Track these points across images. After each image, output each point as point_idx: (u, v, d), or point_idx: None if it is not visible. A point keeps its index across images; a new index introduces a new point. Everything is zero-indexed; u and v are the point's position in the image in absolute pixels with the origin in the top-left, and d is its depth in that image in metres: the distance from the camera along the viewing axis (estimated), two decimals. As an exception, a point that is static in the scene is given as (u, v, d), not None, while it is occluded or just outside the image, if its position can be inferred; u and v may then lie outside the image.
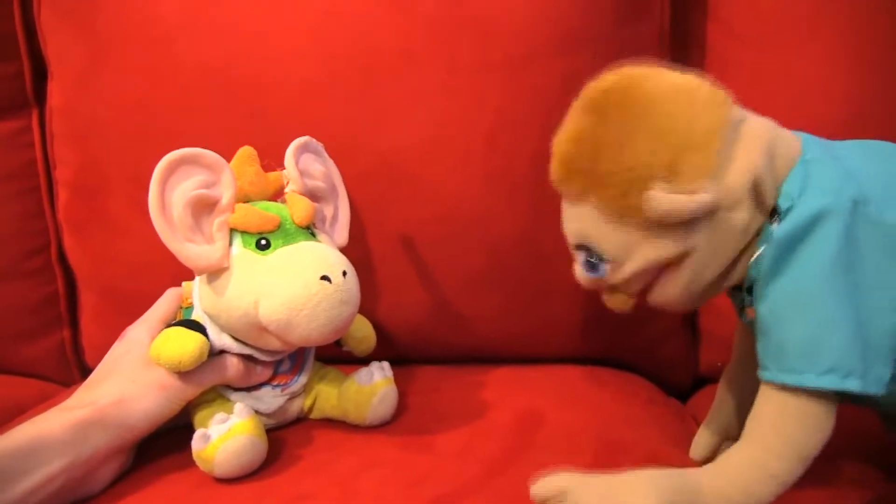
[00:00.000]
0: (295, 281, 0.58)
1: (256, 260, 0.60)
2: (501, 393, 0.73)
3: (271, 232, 0.62)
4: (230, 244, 0.61)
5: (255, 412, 0.62)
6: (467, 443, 0.64)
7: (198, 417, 0.63)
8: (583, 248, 0.53)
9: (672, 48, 0.83)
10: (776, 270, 0.47)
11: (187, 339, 0.59)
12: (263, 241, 0.61)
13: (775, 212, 0.48)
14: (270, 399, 0.66)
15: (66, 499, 0.55)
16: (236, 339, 0.63)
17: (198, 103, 0.79)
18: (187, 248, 0.59)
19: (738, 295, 0.54)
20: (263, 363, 0.65)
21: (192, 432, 0.58)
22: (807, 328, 0.46)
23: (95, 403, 0.57)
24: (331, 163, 0.74)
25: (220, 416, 0.59)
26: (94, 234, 0.85)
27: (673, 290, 0.51)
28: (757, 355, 0.49)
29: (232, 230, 0.61)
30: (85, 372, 0.64)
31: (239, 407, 0.60)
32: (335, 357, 0.73)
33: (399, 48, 0.78)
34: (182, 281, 0.68)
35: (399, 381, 0.68)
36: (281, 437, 0.65)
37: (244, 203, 0.63)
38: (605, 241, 0.50)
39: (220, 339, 0.62)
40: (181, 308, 0.67)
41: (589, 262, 0.52)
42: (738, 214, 0.48)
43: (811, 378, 0.45)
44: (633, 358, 0.85)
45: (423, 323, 0.81)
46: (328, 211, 0.72)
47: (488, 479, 0.58)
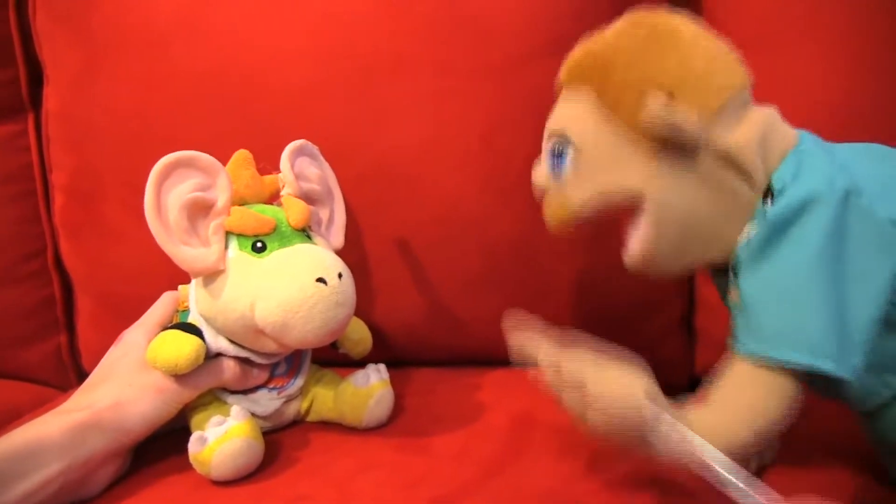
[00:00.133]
0: (291, 283, 0.58)
1: (252, 262, 0.60)
2: (497, 395, 0.73)
3: (267, 234, 0.62)
4: (226, 247, 0.61)
5: (252, 415, 0.62)
6: (463, 445, 0.64)
7: (194, 420, 0.63)
8: (557, 134, 0.53)
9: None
10: (764, 252, 0.47)
11: (183, 342, 0.59)
12: (259, 244, 0.61)
13: (769, 193, 0.49)
14: (267, 402, 0.66)
15: (63, 502, 0.55)
16: (233, 341, 0.63)
17: (193, 107, 0.79)
18: (183, 251, 0.59)
19: (723, 278, 0.54)
20: (260, 366, 0.65)
21: (188, 435, 0.58)
22: (788, 310, 0.46)
23: (92, 407, 0.57)
24: (326, 166, 0.74)
25: (216, 418, 0.59)
26: (90, 238, 0.86)
27: (638, 249, 0.52)
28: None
29: (228, 233, 0.61)
30: (82, 376, 0.64)
31: (235, 410, 0.60)
32: (331, 359, 0.73)
33: (394, 51, 0.78)
34: (178, 284, 0.68)
35: (395, 384, 0.69)
36: (277, 439, 0.65)
37: (240, 206, 0.63)
38: (585, 128, 0.52)
39: (217, 342, 0.62)
40: (177, 311, 0.67)
41: (555, 151, 0.53)
42: (721, 173, 0.49)
43: (786, 352, 0.46)
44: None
45: (420, 325, 0.81)
46: (324, 214, 0.72)
47: (485, 481, 0.58)
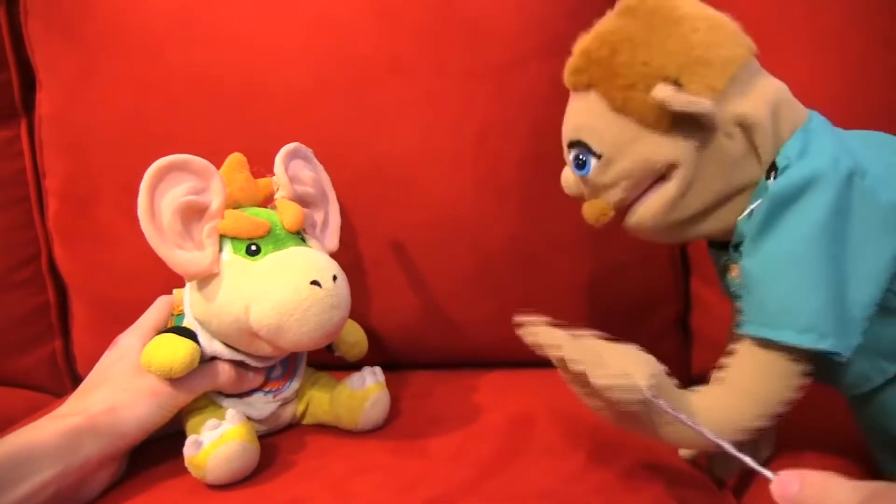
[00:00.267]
0: (285, 286, 0.58)
1: (247, 266, 0.60)
2: (494, 397, 0.74)
3: (261, 237, 0.62)
4: (220, 250, 0.61)
5: (248, 418, 0.62)
6: (460, 447, 0.64)
7: (190, 424, 0.63)
8: (576, 144, 0.53)
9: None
10: (766, 228, 0.48)
11: (178, 345, 0.59)
12: (253, 247, 0.61)
13: (774, 169, 0.49)
14: (262, 405, 0.66)
15: (58, 506, 0.55)
16: (227, 345, 0.62)
17: (188, 111, 0.79)
18: (177, 255, 0.59)
19: (722, 255, 0.55)
20: (255, 369, 0.65)
21: (184, 439, 0.58)
22: (789, 287, 0.46)
23: (87, 411, 0.57)
24: (320, 168, 0.74)
25: (211, 422, 0.59)
26: (84, 244, 0.85)
27: (656, 208, 0.52)
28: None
29: (222, 236, 0.61)
30: (77, 382, 0.64)
31: (231, 413, 0.60)
32: (327, 362, 0.73)
33: (387, 55, 0.78)
34: (173, 288, 0.68)
35: (391, 386, 0.69)
36: (273, 442, 0.65)
37: (234, 209, 0.63)
38: (600, 133, 0.52)
39: (212, 346, 0.62)
40: (172, 315, 0.67)
41: (578, 160, 0.53)
42: (733, 144, 0.49)
43: (789, 334, 0.46)
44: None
45: (415, 327, 0.82)
46: (318, 216, 0.72)
47: (481, 483, 0.58)
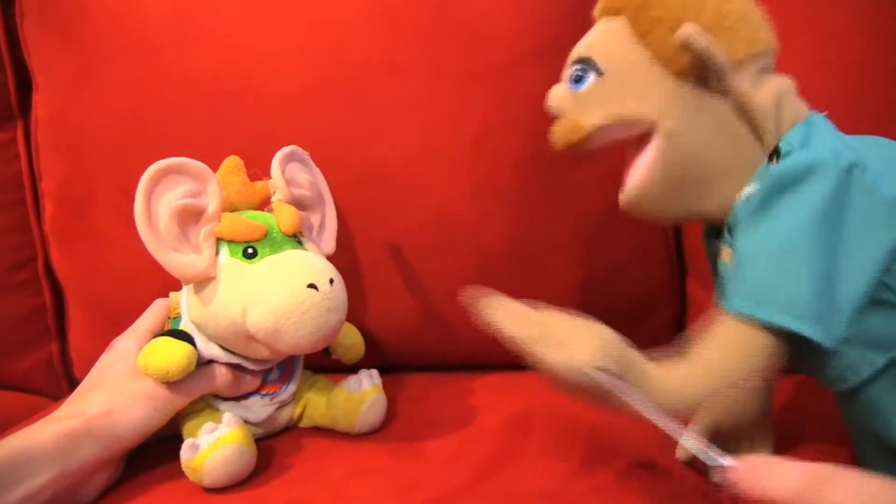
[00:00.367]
0: (282, 289, 0.58)
1: (243, 269, 0.60)
2: (490, 399, 0.74)
3: (258, 241, 0.62)
4: (217, 253, 0.61)
5: (244, 421, 0.62)
6: (457, 449, 0.64)
7: (187, 427, 0.63)
8: (582, 59, 0.53)
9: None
10: (762, 210, 0.47)
11: (175, 348, 0.59)
12: (250, 250, 0.61)
13: (776, 154, 0.49)
14: (259, 408, 0.66)
15: (54, 510, 0.55)
16: (224, 348, 0.63)
17: (184, 114, 0.79)
18: (174, 258, 0.59)
19: (714, 242, 0.55)
20: (252, 372, 0.65)
21: (181, 442, 0.58)
22: (778, 267, 0.46)
23: (84, 414, 0.57)
24: (317, 171, 0.74)
25: (208, 425, 0.59)
26: (80, 246, 0.85)
27: (642, 177, 0.52)
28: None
29: (218, 239, 0.61)
30: (74, 385, 0.64)
31: (227, 416, 0.60)
32: (324, 365, 0.73)
33: (385, 57, 0.78)
34: (170, 291, 0.68)
35: (388, 389, 0.69)
36: (270, 445, 0.65)
37: (231, 212, 0.63)
38: (612, 53, 0.52)
39: (208, 349, 0.62)
40: (169, 318, 0.67)
41: (577, 74, 0.54)
42: (734, 118, 0.50)
43: (770, 313, 0.46)
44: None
45: (412, 330, 0.82)
46: (315, 219, 0.72)
47: (478, 485, 0.58)
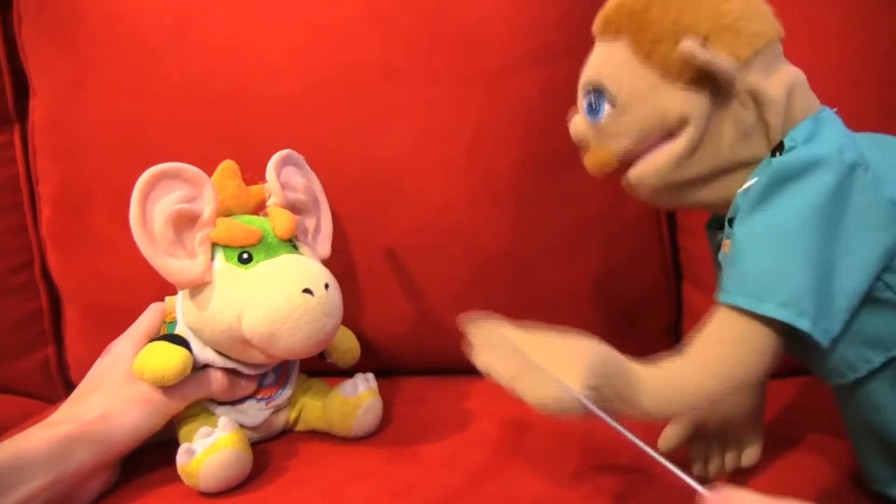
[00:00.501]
0: (277, 294, 0.58)
1: (239, 274, 0.60)
2: (486, 402, 0.73)
3: (253, 245, 0.62)
4: (212, 258, 0.61)
5: (240, 426, 0.62)
6: (453, 453, 0.64)
7: (182, 432, 0.63)
8: (593, 88, 0.54)
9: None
10: (762, 201, 0.48)
11: (171, 353, 0.59)
12: (245, 255, 0.61)
13: (780, 149, 0.50)
14: (255, 412, 0.66)
15: (50, 515, 0.55)
16: (220, 352, 0.63)
17: (181, 118, 0.80)
18: (169, 263, 0.59)
19: (716, 235, 0.55)
20: (247, 377, 0.65)
21: (177, 447, 0.58)
22: (776, 261, 0.46)
23: (79, 419, 0.57)
24: (312, 175, 0.74)
25: (204, 430, 0.59)
26: (77, 250, 0.85)
27: (662, 162, 0.52)
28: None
29: (214, 244, 0.61)
30: (70, 388, 0.64)
31: (223, 421, 0.60)
32: (320, 369, 0.73)
33: (380, 61, 0.78)
34: (166, 295, 0.68)
35: (384, 393, 0.69)
36: (266, 449, 0.65)
37: (226, 217, 0.63)
38: (620, 79, 0.52)
39: (204, 353, 0.62)
40: (165, 322, 0.67)
41: (592, 105, 0.54)
42: (746, 115, 0.50)
43: (768, 307, 0.46)
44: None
45: (408, 334, 0.82)
46: (310, 223, 0.72)
47: (474, 488, 0.58)
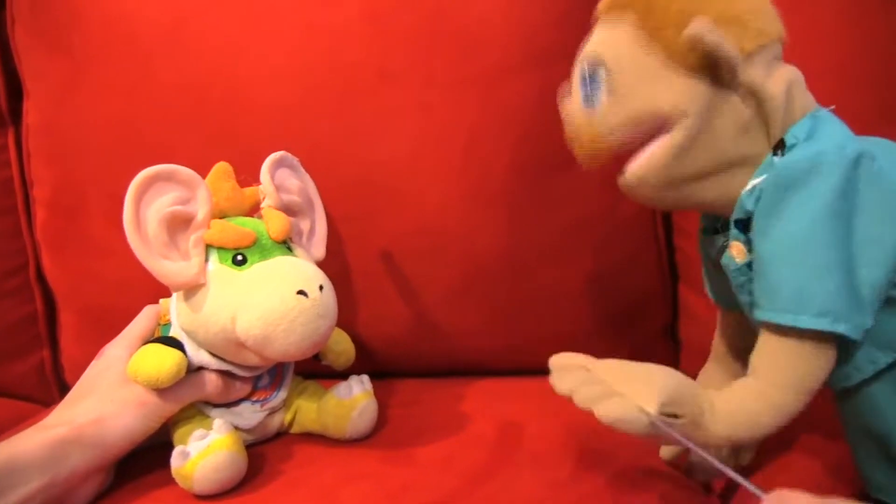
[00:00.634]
0: (271, 296, 0.58)
1: (233, 275, 0.60)
2: (481, 405, 0.74)
3: (247, 247, 0.62)
4: (206, 260, 0.61)
5: (235, 428, 0.62)
6: (448, 455, 0.64)
7: (177, 434, 0.63)
8: (591, 64, 0.53)
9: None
10: (774, 211, 0.48)
11: (165, 355, 0.59)
12: (240, 257, 0.61)
13: (781, 146, 0.50)
14: (250, 414, 0.66)
15: (44, 518, 0.55)
16: (214, 355, 0.62)
17: (175, 121, 0.79)
18: (163, 265, 0.59)
19: (718, 239, 0.55)
20: (242, 379, 0.65)
21: (171, 449, 0.58)
22: (802, 271, 0.46)
23: (73, 422, 0.57)
24: (307, 177, 0.74)
25: (198, 432, 0.59)
26: (72, 253, 0.85)
27: (659, 155, 0.51)
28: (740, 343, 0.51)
29: (208, 246, 0.61)
30: (65, 391, 0.63)
31: (218, 423, 0.60)
32: (315, 371, 0.73)
33: (376, 64, 0.78)
34: (160, 298, 0.68)
35: (379, 395, 0.69)
36: (261, 451, 0.65)
37: (220, 219, 0.63)
38: (621, 57, 0.51)
39: (198, 356, 0.62)
40: (159, 325, 0.66)
41: (586, 83, 0.53)
42: (745, 109, 0.50)
43: (805, 320, 0.46)
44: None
45: (403, 336, 0.82)
46: (305, 225, 0.72)
47: (469, 490, 0.58)
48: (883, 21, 0.72)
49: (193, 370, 0.62)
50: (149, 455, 0.62)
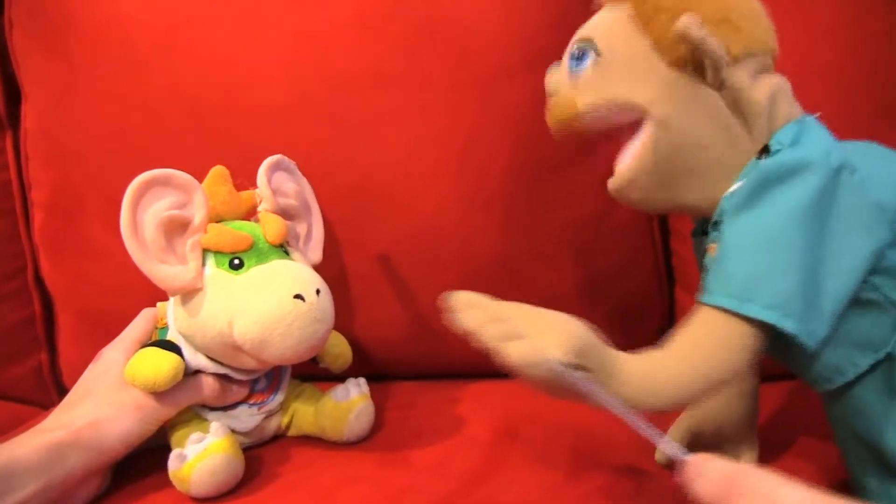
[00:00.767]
0: (268, 300, 0.58)
1: (230, 279, 0.60)
2: (477, 407, 0.74)
3: (244, 251, 0.62)
4: (203, 264, 0.61)
5: (232, 431, 0.62)
6: (444, 457, 0.64)
7: (174, 437, 0.63)
8: (583, 40, 0.54)
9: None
10: (748, 203, 0.48)
11: (162, 359, 0.59)
12: (237, 261, 0.61)
13: (766, 151, 0.50)
14: (247, 418, 0.66)
15: (41, 521, 0.55)
16: (211, 358, 0.63)
17: (172, 125, 0.79)
18: (160, 270, 0.59)
19: (702, 242, 0.55)
20: (239, 382, 0.65)
21: (168, 453, 0.58)
22: (762, 262, 0.46)
23: (71, 425, 0.57)
24: (304, 181, 0.74)
25: (195, 435, 0.59)
26: (70, 256, 0.85)
27: (638, 152, 0.52)
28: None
29: (205, 250, 0.61)
30: (63, 394, 0.64)
31: (215, 426, 0.60)
32: (312, 374, 0.73)
33: (372, 68, 0.78)
34: (158, 301, 0.68)
35: (375, 397, 0.69)
36: (258, 454, 0.65)
37: (217, 223, 0.63)
38: (613, 37, 0.52)
39: (196, 359, 0.62)
40: (156, 328, 0.67)
41: (577, 54, 0.54)
42: (728, 112, 0.50)
43: (753, 308, 0.45)
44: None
45: (400, 339, 0.82)
46: (301, 229, 0.72)
47: (466, 493, 0.58)
48: (881, 22, 0.72)
49: (190, 374, 0.62)
50: (146, 458, 0.63)
